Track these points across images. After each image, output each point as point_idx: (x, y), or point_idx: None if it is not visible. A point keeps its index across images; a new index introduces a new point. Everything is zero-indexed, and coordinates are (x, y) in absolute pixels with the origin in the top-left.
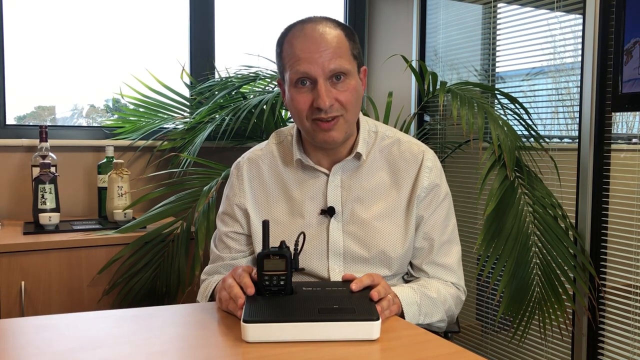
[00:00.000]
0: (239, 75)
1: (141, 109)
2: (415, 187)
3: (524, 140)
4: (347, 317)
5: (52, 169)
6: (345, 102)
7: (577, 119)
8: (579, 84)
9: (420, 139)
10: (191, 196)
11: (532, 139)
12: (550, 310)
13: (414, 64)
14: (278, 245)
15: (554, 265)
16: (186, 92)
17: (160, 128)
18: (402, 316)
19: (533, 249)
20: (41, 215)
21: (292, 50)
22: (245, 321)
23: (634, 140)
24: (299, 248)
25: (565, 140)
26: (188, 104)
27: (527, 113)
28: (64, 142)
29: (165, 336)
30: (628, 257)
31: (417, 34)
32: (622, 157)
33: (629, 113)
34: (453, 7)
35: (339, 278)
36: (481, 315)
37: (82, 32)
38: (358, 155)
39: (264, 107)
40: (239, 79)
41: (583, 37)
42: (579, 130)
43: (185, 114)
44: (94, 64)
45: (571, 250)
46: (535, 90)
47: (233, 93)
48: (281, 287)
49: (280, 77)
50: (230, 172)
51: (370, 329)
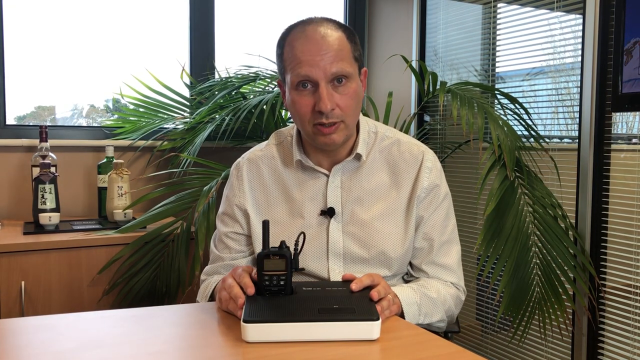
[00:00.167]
0: (239, 75)
1: (141, 109)
2: (415, 188)
3: (524, 140)
4: (347, 317)
5: (52, 169)
6: (346, 107)
7: (577, 119)
8: (579, 84)
9: (420, 139)
10: (191, 196)
11: (532, 139)
12: (550, 310)
13: (414, 64)
14: (278, 246)
15: (554, 265)
16: (186, 92)
17: (160, 128)
18: (402, 316)
19: (533, 249)
20: (41, 215)
21: (293, 53)
22: (245, 321)
23: (634, 140)
24: (299, 248)
25: (565, 140)
26: (188, 104)
27: (527, 113)
28: (64, 142)
29: (165, 336)
30: (628, 257)
31: (417, 34)
32: (622, 157)
33: (629, 113)
34: (453, 7)
35: (338, 278)
36: (481, 315)
37: (82, 32)
38: (358, 156)
39: (264, 107)
40: (239, 79)
41: (583, 37)
42: (579, 130)
43: (185, 114)
44: (94, 64)
45: (571, 250)
46: (535, 90)
47: (233, 93)
48: (281, 287)
49: (281, 79)
50: (230, 173)
51: (370, 329)
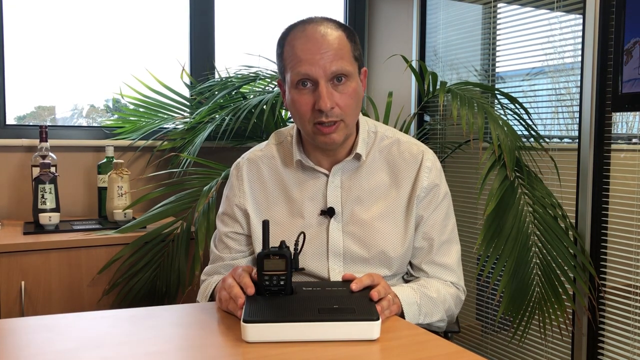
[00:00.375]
0: (239, 75)
1: (141, 109)
2: (415, 187)
3: (524, 140)
4: (347, 317)
5: (52, 169)
6: (345, 107)
7: (577, 119)
8: (579, 84)
9: (420, 139)
10: (191, 196)
11: (532, 139)
12: (550, 310)
13: (414, 64)
14: (278, 246)
15: (554, 265)
16: (186, 92)
17: (160, 128)
18: (402, 316)
19: (533, 249)
20: (41, 215)
21: (293, 51)
22: (245, 321)
23: (634, 140)
24: (299, 248)
25: (565, 140)
26: (188, 104)
27: (527, 113)
28: (64, 142)
29: (165, 336)
30: (628, 257)
31: (417, 34)
32: (622, 157)
33: (629, 113)
34: (453, 7)
35: (338, 278)
36: (481, 315)
37: (82, 32)
38: (358, 156)
39: (264, 107)
40: (239, 79)
41: (583, 37)
42: (579, 130)
43: (185, 114)
44: (94, 64)
45: (571, 250)
46: (535, 90)
47: (233, 93)
48: (281, 287)
49: (281, 78)
50: (230, 173)
51: (370, 329)
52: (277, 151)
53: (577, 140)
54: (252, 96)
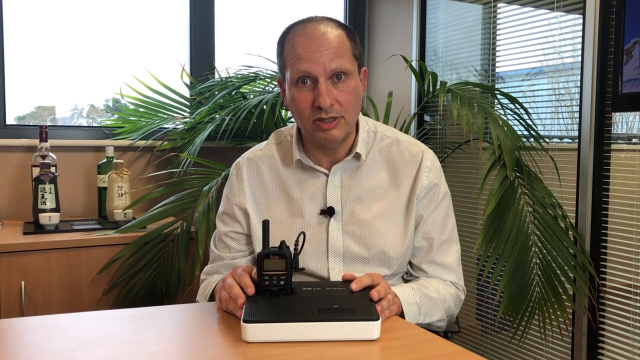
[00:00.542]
0: (239, 75)
1: (141, 109)
2: (415, 187)
3: (524, 140)
4: (347, 317)
5: (52, 169)
6: (345, 103)
7: (577, 119)
8: (579, 84)
9: (420, 139)
10: (191, 196)
11: (532, 139)
12: (550, 310)
13: (414, 64)
14: (278, 245)
15: (554, 265)
16: (186, 92)
17: (160, 128)
18: (402, 316)
19: (533, 249)
20: (41, 215)
21: (293, 49)
22: (245, 321)
23: (634, 140)
24: (299, 248)
25: (565, 140)
26: (188, 104)
27: (527, 113)
28: (64, 142)
29: (165, 336)
30: (628, 257)
31: (417, 34)
32: (622, 157)
33: (629, 113)
34: (453, 7)
35: (338, 278)
36: (481, 315)
37: (82, 32)
38: (357, 156)
39: (264, 107)
40: (239, 79)
41: (583, 37)
42: (579, 130)
43: (185, 114)
44: (94, 64)
45: (571, 250)
46: (535, 90)
47: (233, 93)
48: (281, 287)
49: (281, 76)
50: (230, 172)
51: (370, 329)
52: (277, 151)
53: (577, 140)
54: (252, 96)
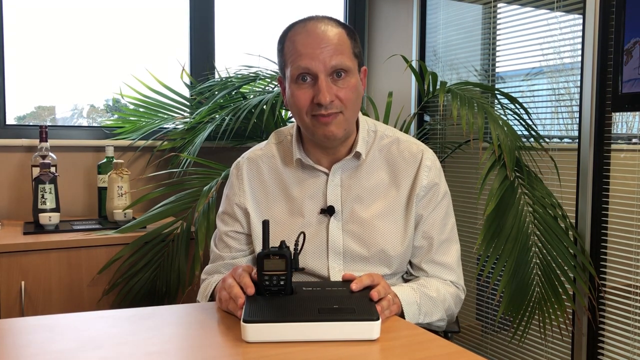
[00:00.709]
0: (239, 75)
1: (141, 109)
2: (415, 186)
3: (524, 140)
4: (347, 317)
5: (52, 169)
6: (345, 99)
7: (577, 119)
8: (579, 84)
9: (420, 139)
10: (191, 196)
11: (532, 139)
12: (550, 310)
13: (414, 64)
14: (278, 245)
15: (554, 265)
16: (186, 92)
17: (160, 128)
18: (402, 316)
19: (533, 249)
20: (41, 215)
21: (293, 46)
22: (245, 321)
23: (634, 140)
24: (299, 248)
25: (565, 140)
26: (188, 104)
27: (527, 113)
28: (64, 142)
29: (165, 336)
30: (628, 257)
31: (417, 34)
32: (622, 157)
33: (629, 113)
34: (453, 7)
35: (338, 277)
36: (481, 315)
37: (82, 32)
38: (357, 155)
39: (264, 107)
40: (239, 79)
41: (583, 37)
42: (579, 130)
43: (185, 114)
44: (94, 64)
45: (571, 250)
46: (535, 90)
47: (233, 93)
48: (281, 287)
49: (281, 74)
50: (230, 172)
51: (370, 329)
52: (277, 150)
53: (577, 140)
54: (252, 96)
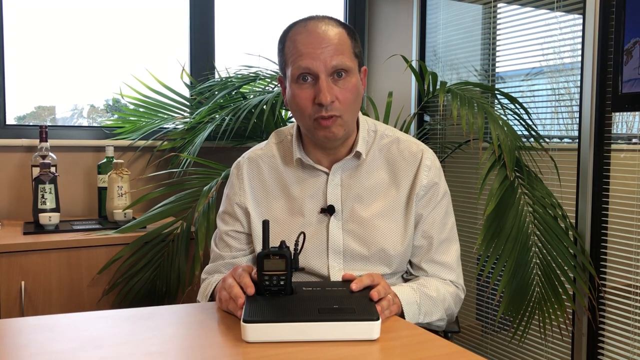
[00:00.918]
0: (239, 75)
1: (141, 109)
2: (414, 186)
3: (524, 140)
4: (347, 317)
5: (52, 169)
6: (344, 102)
7: (577, 119)
8: (579, 84)
9: (420, 139)
10: (191, 196)
11: (532, 139)
12: (550, 310)
13: (414, 64)
14: (278, 245)
15: (554, 265)
16: (186, 92)
17: (160, 128)
18: (402, 316)
19: (533, 249)
20: (41, 215)
21: (294, 46)
22: (245, 321)
23: (634, 140)
24: (299, 248)
25: (565, 140)
26: (188, 104)
27: (527, 113)
28: (64, 142)
29: (165, 336)
30: (628, 257)
31: (417, 34)
32: (622, 157)
33: (629, 113)
34: (453, 7)
35: (338, 276)
36: (481, 315)
37: (82, 32)
38: (358, 154)
39: (264, 107)
40: (239, 79)
41: (583, 37)
42: (579, 130)
43: (185, 114)
44: (94, 64)
45: (571, 250)
46: (535, 90)
47: (233, 93)
48: (281, 287)
49: (282, 74)
50: (231, 172)
51: (370, 329)
52: (277, 150)
53: (577, 140)
54: (252, 96)
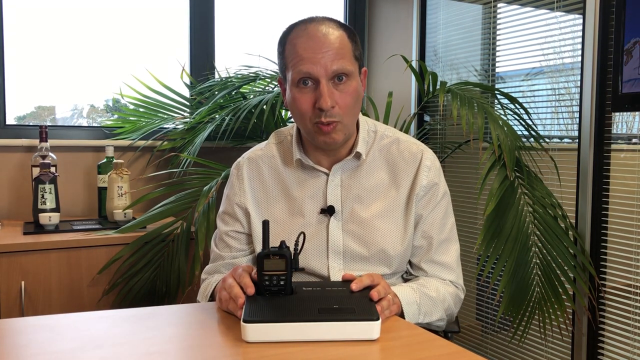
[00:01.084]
0: (239, 75)
1: (141, 109)
2: (414, 186)
3: (524, 140)
4: (347, 317)
5: (52, 169)
6: (344, 107)
7: (577, 119)
8: (579, 84)
9: (420, 139)
10: (191, 196)
11: (532, 139)
12: (550, 310)
13: (414, 64)
14: (278, 245)
15: (554, 265)
16: (186, 92)
17: (160, 128)
18: (401, 316)
19: (533, 249)
20: (41, 215)
21: (294, 50)
22: (245, 321)
23: (634, 140)
24: (299, 248)
25: (565, 140)
26: (188, 104)
27: (527, 113)
28: (64, 142)
29: (165, 336)
30: (628, 257)
31: (417, 34)
32: (622, 157)
33: (629, 113)
34: (453, 7)
35: (338, 276)
36: (481, 315)
37: (82, 32)
38: (358, 155)
39: (264, 107)
40: (239, 79)
41: (583, 37)
42: (579, 130)
43: (185, 114)
44: (94, 64)
45: (571, 250)
46: (535, 90)
47: (233, 93)
48: (281, 287)
49: (282, 76)
50: (231, 172)
51: (370, 329)
52: (277, 150)
53: (577, 140)
54: (252, 96)
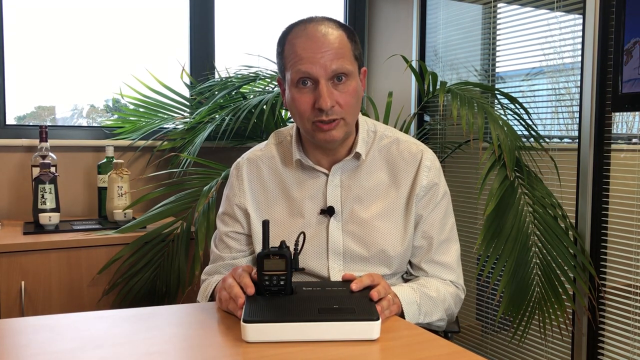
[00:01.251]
0: (239, 75)
1: (141, 109)
2: (414, 186)
3: (524, 140)
4: (347, 317)
5: (52, 169)
6: (346, 105)
7: (577, 119)
8: (579, 84)
9: (420, 139)
10: (191, 196)
11: (532, 139)
12: (550, 310)
13: (414, 64)
14: (278, 245)
15: (554, 265)
16: (186, 92)
17: (160, 128)
18: (402, 316)
19: (533, 249)
20: (41, 215)
21: (294, 50)
22: (245, 321)
23: (634, 140)
24: (299, 248)
25: (565, 140)
26: (188, 104)
27: (527, 113)
28: (64, 142)
29: (165, 336)
30: (628, 257)
31: (417, 34)
32: (622, 157)
33: (629, 113)
34: (453, 7)
35: (338, 277)
36: (481, 315)
37: (82, 32)
38: (357, 155)
39: (264, 107)
40: (239, 79)
41: (583, 37)
42: (579, 130)
43: (185, 114)
44: (94, 64)
45: (571, 250)
46: (535, 90)
47: (233, 93)
48: (281, 287)
49: (281, 76)
50: (230, 173)
51: (370, 329)
52: (276, 151)
53: (577, 140)
54: (252, 96)
